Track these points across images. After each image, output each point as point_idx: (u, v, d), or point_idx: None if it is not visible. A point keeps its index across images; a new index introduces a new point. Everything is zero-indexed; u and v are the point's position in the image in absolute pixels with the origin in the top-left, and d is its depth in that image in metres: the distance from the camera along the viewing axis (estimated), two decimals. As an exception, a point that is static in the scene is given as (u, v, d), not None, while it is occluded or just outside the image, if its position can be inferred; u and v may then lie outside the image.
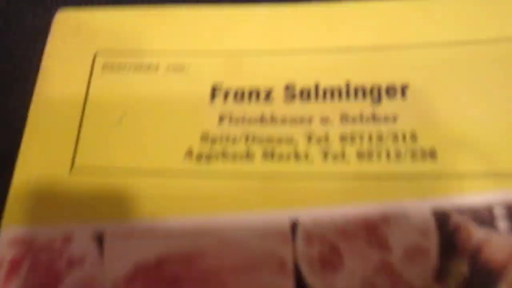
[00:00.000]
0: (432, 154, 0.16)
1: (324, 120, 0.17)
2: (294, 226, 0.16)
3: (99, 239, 0.17)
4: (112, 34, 0.20)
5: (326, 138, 0.17)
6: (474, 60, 0.17)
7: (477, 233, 0.15)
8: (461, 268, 0.15)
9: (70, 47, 0.20)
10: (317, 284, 0.15)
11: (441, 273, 0.15)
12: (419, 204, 0.16)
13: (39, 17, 0.20)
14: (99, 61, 0.19)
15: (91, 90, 0.19)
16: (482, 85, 0.17)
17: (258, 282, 0.16)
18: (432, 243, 0.15)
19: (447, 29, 0.18)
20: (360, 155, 0.17)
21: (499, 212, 0.15)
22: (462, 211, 0.15)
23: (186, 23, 0.20)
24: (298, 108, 0.18)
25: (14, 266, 0.17)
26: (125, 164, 0.18)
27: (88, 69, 0.19)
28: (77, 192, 0.17)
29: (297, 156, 0.17)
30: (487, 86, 0.17)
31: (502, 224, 0.15)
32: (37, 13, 0.21)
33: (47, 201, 0.17)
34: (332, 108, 0.17)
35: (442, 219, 0.15)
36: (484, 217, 0.15)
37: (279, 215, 0.16)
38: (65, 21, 0.20)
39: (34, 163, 0.18)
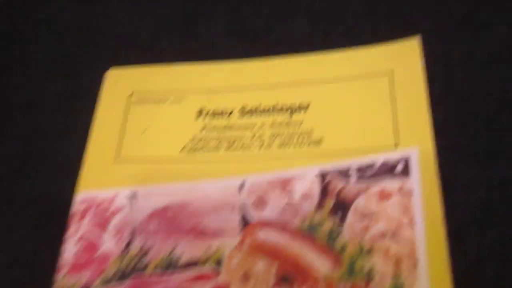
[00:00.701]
0: (320, 142, 0.28)
1: (261, 126, 0.29)
2: (241, 186, 0.28)
3: (132, 197, 0.29)
4: (141, 82, 0.33)
5: (261, 136, 0.29)
6: (345, 88, 0.29)
7: (339, 183, 0.26)
8: (330, 202, 0.26)
9: (116, 89, 0.33)
10: (252, 217, 0.27)
11: (320, 205, 0.26)
12: (310, 170, 0.27)
13: (98, 73, 0.33)
14: (134, 98, 0.32)
15: (129, 115, 0.32)
16: (348, 101, 0.29)
17: (220, 217, 0.27)
18: (316, 190, 0.26)
19: (331, 71, 0.30)
20: (280, 145, 0.28)
21: (352, 172, 0.26)
22: (332, 172, 0.27)
23: (183, 74, 0.32)
24: (247, 120, 0.30)
25: (83, 214, 0.29)
26: (146, 154, 0.30)
27: (126, 101, 0.32)
28: (120, 171, 0.30)
29: (244, 147, 0.29)
30: (350, 103, 0.28)
31: (353, 178, 0.26)
32: (96, 71, 0.34)
33: (102, 177, 0.30)
34: (266, 119, 0.29)
35: (321, 177, 0.27)
36: (344, 174, 0.26)
37: (233, 180, 0.28)
38: (113, 75, 0.34)
39: (95, 156, 0.30)
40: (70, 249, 0.28)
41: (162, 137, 0.30)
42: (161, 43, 0.34)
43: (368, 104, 0.28)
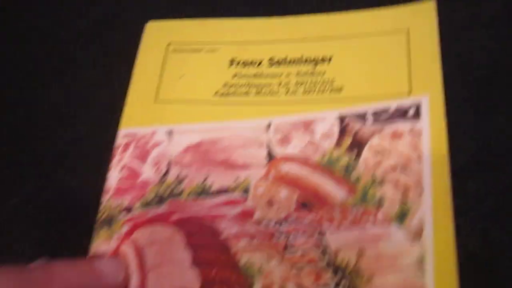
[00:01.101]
0: (341, 89, 0.31)
1: (287, 75, 0.32)
2: (268, 126, 0.31)
3: (170, 133, 0.32)
4: (177, 33, 0.36)
5: (288, 84, 0.32)
6: (365, 43, 0.32)
7: (357, 125, 0.29)
8: (347, 141, 0.29)
9: (155, 40, 0.36)
10: (277, 153, 0.30)
11: (338, 143, 0.29)
12: (330, 113, 0.30)
13: (138, 25, 0.37)
14: (171, 47, 0.35)
15: (167, 63, 0.35)
16: (367, 55, 0.32)
17: (248, 152, 0.30)
18: (335, 131, 0.30)
19: (352, 29, 0.33)
20: (304, 92, 0.31)
21: (368, 116, 0.29)
22: (351, 115, 0.30)
23: (216, 28, 0.36)
24: (275, 69, 0.33)
25: (125, 147, 0.32)
26: (183, 97, 0.33)
27: (164, 50, 0.35)
28: (158, 111, 0.33)
29: (271, 93, 0.32)
30: (369, 56, 0.32)
31: (369, 121, 0.29)
32: (137, 23, 0.37)
33: (143, 116, 0.33)
34: (292, 69, 0.33)
35: (341, 120, 0.30)
36: (361, 118, 0.30)
37: (261, 120, 0.31)
38: (152, 28, 0.37)
39: (136, 98, 0.34)
40: (114, 176, 0.32)
41: (197, 83, 0.34)
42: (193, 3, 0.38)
43: (385, 57, 0.31)
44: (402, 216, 0.26)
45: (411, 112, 0.29)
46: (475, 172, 0.28)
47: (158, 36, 0.36)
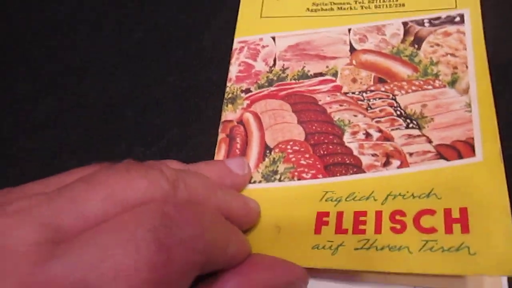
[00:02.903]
0: (403, 5, 0.42)
1: (362, -5, 0.43)
2: (349, 30, 0.42)
3: (273, 38, 0.43)
4: None
5: (362, 1, 0.43)
6: None
7: (416, 28, 0.40)
8: (410, 38, 0.40)
9: None
10: (358, 47, 0.41)
11: (403, 40, 0.40)
12: (397, 20, 0.41)
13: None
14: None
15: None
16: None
17: (335, 48, 0.41)
18: (401, 32, 0.40)
19: None
20: (376, 6, 0.43)
21: (425, 21, 0.40)
22: (412, 21, 0.41)
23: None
24: (352, -8, 0.44)
25: (241, 49, 0.43)
26: (281, 14, 0.44)
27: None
28: (264, 23, 0.44)
29: (351, 8, 0.43)
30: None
31: (426, 25, 0.40)
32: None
33: (252, 28, 0.44)
34: (366, -8, 0.44)
35: (404, 24, 0.41)
36: (420, 23, 0.40)
37: (344, 27, 0.42)
38: None
39: (245, 15, 0.45)
40: (234, 69, 0.43)
41: (291, 3, 0.45)
42: None
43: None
44: (453, 82, 0.37)
45: (457, 19, 0.40)
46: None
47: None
